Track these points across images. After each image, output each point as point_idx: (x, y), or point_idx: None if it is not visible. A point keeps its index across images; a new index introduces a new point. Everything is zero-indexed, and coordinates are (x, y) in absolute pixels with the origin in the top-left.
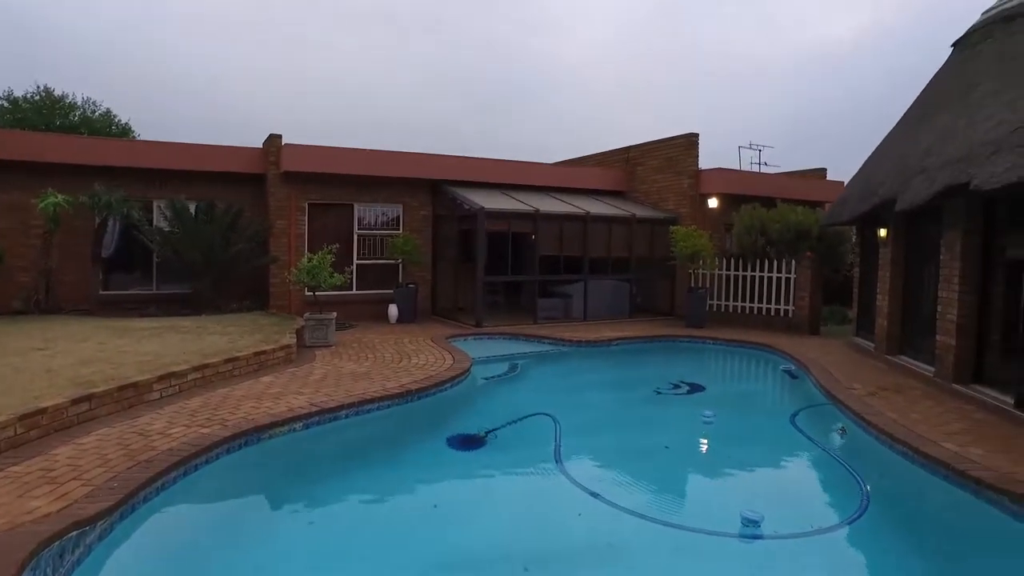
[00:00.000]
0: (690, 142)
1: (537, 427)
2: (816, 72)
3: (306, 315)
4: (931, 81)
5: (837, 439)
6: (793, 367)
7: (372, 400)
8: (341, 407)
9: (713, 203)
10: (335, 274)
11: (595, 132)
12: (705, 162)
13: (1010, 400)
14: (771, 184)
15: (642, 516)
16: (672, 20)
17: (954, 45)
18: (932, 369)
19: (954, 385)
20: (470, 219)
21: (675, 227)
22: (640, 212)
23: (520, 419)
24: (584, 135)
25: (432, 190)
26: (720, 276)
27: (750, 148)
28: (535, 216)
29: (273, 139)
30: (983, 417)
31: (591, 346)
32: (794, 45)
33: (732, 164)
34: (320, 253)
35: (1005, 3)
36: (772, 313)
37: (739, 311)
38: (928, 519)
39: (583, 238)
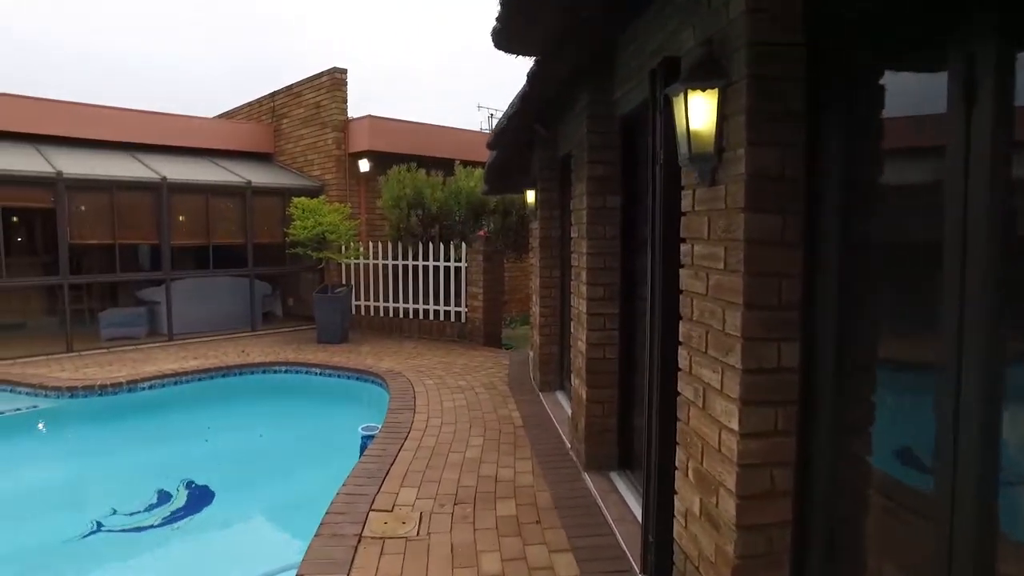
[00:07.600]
0: (336, 81)
1: None
2: None
3: None
4: None
5: None
6: (378, 427)
7: None
8: None
9: (365, 166)
10: None
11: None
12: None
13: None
14: (449, 140)
15: None
16: None
17: None
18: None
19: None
20: None
21: (298, 200)
22: (264, 180)
23: None
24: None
25: None
26: (373, 267)
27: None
28: (56, 183)
29: None
30: None
31: (101, 395)
32: None
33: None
34: None
35: None
36: (443, 317)
37: (404, 315)
38: None
39: (157, 216)
